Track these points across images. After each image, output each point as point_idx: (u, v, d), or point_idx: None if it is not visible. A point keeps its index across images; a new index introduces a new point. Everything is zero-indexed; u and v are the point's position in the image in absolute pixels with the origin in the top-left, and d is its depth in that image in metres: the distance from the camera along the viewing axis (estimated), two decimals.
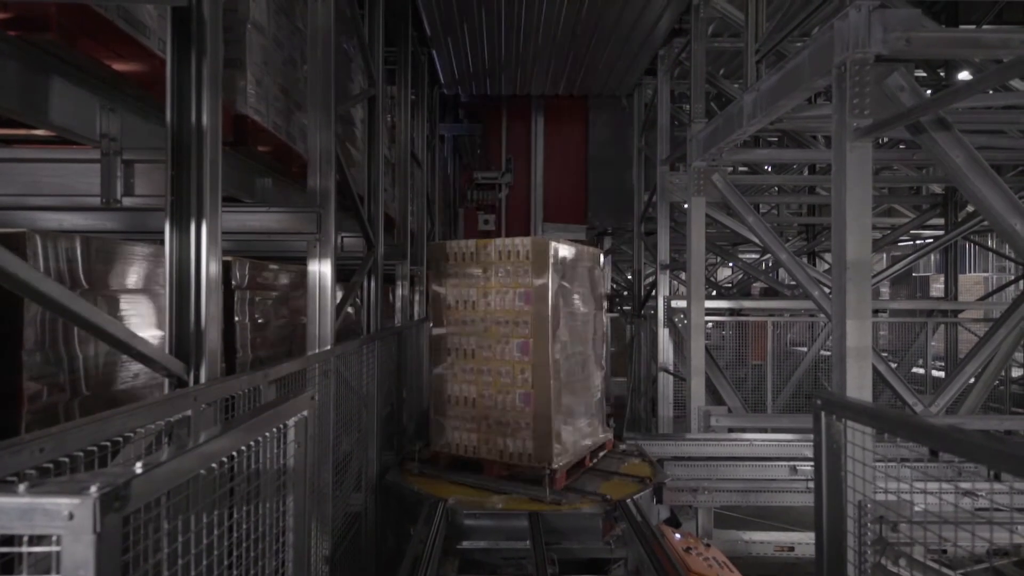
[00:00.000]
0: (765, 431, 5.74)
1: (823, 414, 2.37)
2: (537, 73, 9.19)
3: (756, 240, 6.03)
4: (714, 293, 11.09)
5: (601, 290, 5.39)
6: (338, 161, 3.74)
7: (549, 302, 4.42)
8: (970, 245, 14.12)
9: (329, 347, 3.46)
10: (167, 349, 2.04)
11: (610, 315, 10.81)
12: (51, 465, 1.25)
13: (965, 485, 3.41)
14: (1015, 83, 5.03)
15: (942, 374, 8.11)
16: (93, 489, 0.92)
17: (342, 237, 4.38)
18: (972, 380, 5.24)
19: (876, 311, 8.56)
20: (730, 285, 12.96)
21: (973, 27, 6.91)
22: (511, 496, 4.22)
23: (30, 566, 0.97)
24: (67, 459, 1.29)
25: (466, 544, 3.88)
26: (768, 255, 10.46)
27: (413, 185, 7.18)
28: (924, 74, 7.99)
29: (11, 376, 2.09)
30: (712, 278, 12.11)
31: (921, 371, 8.44)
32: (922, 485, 2.06)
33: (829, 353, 7.78)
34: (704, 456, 5.22)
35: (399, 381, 5.50)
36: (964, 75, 7.53)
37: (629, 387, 9.36)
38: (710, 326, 7.75)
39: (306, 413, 1.89)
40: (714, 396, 6.63)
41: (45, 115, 2.29)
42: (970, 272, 17.22)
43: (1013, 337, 5.13)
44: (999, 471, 3.67)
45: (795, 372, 8.16)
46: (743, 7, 5.33)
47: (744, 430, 5.77)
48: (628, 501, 4.04)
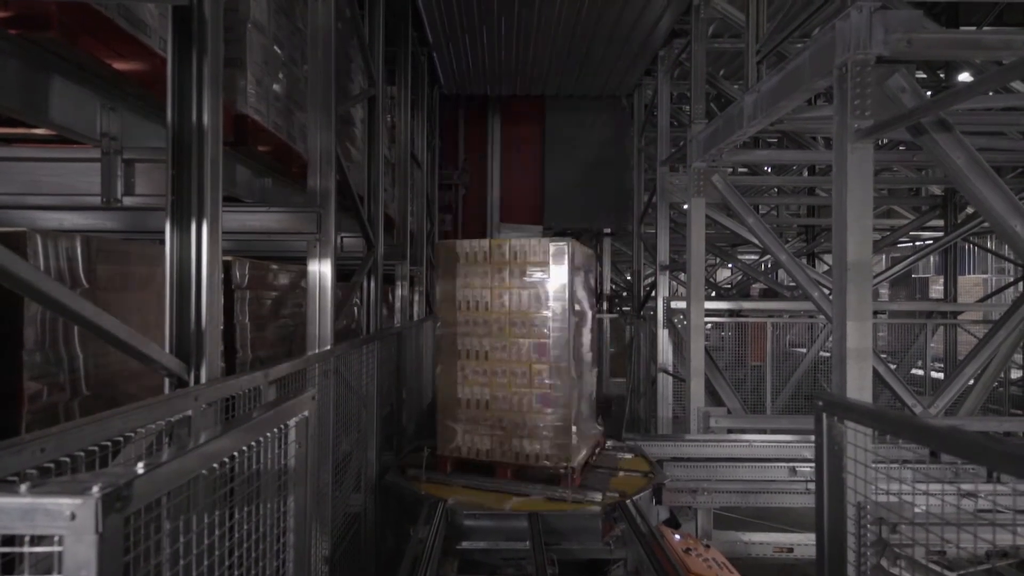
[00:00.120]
0: (764, 432, 5.76)
1: (825, 415, 2.36)
2: (538, 73, 9.19)
3: (756, 241, 6.04)
4: (714, 294, 11.09)
5: (594, 290, 5.44)
6: (338, 161, 3.74)
7: (566, 303, 4.45)
8: (970, 247, 14.12)
9: (329, 347, 3.46)
10: (167, 349, 2.04)
11: (610, 315, 10.83)
12: (52, 465, 1.25)
13: (966, 486, 3.41)
14: (1015, 85, 5.02)
15: (941, 376, 8.11)
16: (95, 489, 0.92)
17: (342, 237, 4.38)
18: (971, 382, 5.23)
19: (875, 312, 8.55)
20: (730, 286, 12.97)
21: (974, 28, 6.91)
22: (530, 498, 4.23)
23: (31, 566, 0.96)
24: (68, 459, 1.28)
25: (466, 544, 3.87)
26: (768, 256, 10.45)
27: (413, 185, 7.18)
28: (924, 76, 8.00)
29: (11, 376, 2.08)
30: (712, 279, 12.11)
31: (920, 372, 8.45)
32: (923, 486, 2.06)
33: (828, 354, 7.82)
34: (703, 457, 5.23)
35: (399, 381, 5.50)
36: (964, 76, 7.53)
37: (628, 388, 9.35)
38: (709, 327, 7.74)
39: (307, 413, 1.89)
40: (713, 397, 6.63)
41: (45, 114, 2.29)
42: (970, 274, 17.24)
43: (1012, 339, 5.13)
44: (999, 472, 3.67)
45: (794, 373, 8.17)
46: (744, 8, 5.33)
47: (743, 431, 5.78)
48: (628, 502, 4.05)
